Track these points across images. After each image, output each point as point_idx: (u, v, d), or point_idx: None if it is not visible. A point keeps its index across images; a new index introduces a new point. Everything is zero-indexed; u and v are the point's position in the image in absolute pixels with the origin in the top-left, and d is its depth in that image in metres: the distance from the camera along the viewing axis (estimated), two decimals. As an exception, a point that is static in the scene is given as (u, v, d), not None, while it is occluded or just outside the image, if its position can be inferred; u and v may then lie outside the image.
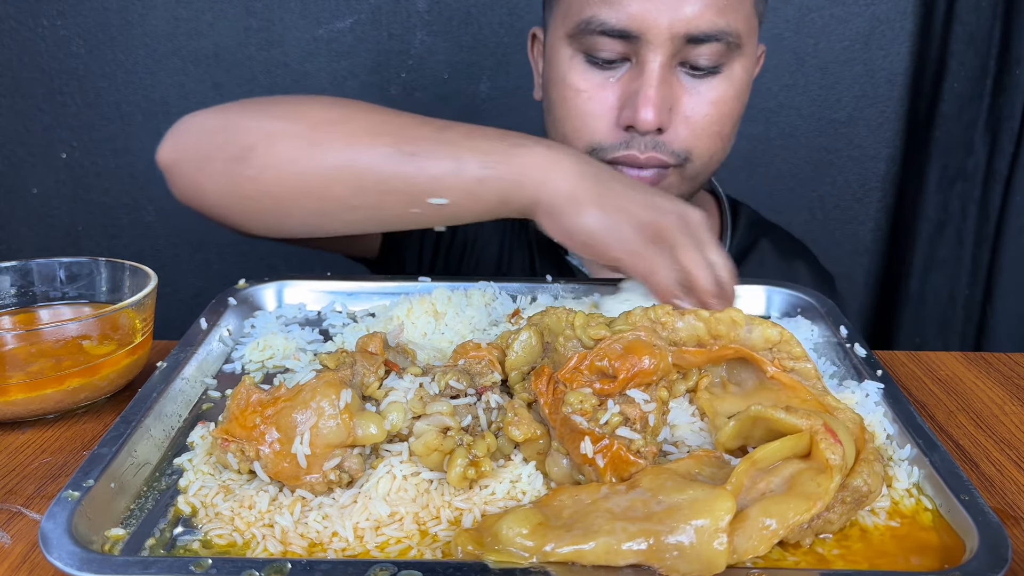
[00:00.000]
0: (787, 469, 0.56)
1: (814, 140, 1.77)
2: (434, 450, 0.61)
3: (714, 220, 1.19)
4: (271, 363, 0.82)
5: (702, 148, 0.97)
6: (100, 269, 0.86)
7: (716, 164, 1.02)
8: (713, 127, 0.96)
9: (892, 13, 1.67)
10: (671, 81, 0.93)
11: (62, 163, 1.76)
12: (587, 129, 0.96)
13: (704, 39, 0.90)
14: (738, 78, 0.96)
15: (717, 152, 1.00)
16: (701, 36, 0.90)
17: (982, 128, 1.62)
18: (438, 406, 0.63)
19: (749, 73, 0.99)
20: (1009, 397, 0.83)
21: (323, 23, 1.67)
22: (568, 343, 0.67)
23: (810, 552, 0.56)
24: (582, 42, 0.93)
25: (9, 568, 0.57)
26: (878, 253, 1.85)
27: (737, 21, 0.92)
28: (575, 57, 0.95)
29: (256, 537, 0.57)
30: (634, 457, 0.58)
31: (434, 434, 0.61)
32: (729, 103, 0.97)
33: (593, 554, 0.51)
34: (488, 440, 0.62)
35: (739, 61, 0.95)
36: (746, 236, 1.18)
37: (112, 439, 0.63)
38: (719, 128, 0.97)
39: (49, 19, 1.66)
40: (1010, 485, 0.68)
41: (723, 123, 0.97)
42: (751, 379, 0.69)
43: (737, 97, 0.98)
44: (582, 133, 0.96)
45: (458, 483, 0.60)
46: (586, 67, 0.95)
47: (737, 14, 0.92)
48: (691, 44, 0.91)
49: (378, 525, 0.58)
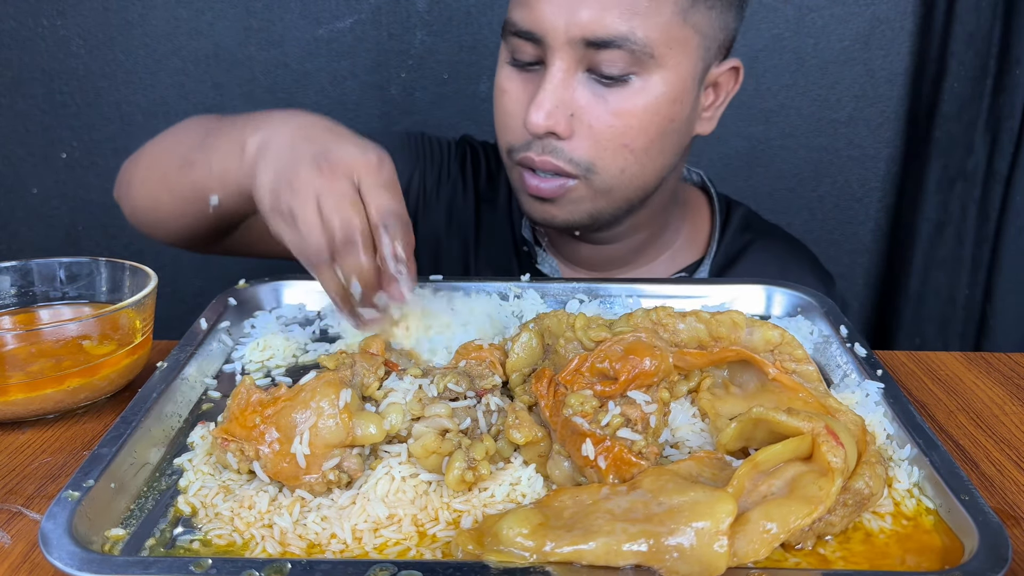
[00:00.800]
0: (789, 471, 0.56)
1: (814, 140, 1.76)
2: (432, 452, 0.61)
3: (704, 223, 1.17)
4: (271, 363, 0.82)
5: (608, 160, 0.94)
6: (100, 269, 0.86)
7: (635, 179, 0.97)
8: (618, 139, 0.93)
9: (892, 13, 1.67)
10: (573, 87, 0.91)
11: (62, 163, 1.76)
12: (505, 128, 0.98)
13: (605, 44, 0.88)
14: (656, 91, 0.92)
15: (630, 166, 0.95)
16: (600, 41, 0.88)
17: (982, 128, 1.62)
18: (437, 408, 0.63)
19: (675, 87, 0.93)
20: (1009, 397, 0.83)
21: (323, 23, 1.67)
22: (569, 345, 0.67)
23: (812, 553, 0.56)
24: (508, 43, 0.95)
25: (9, 568, 0.57)
26: (878, 253, 1.84)
27: (647, 29, 0.88)
28: (505, 59, 0.97)
29: (255, 538, 0.57)
30: (635, 458, 0.58)
31: (432, 436, 0.61)
32: (638, 116, 0.92)
33: (593, 554, 0.51)
34: (487, 443, 0.62)
35: (657, 73, 0.91)
36: (736, 240, 1.15)
37: (112, 439, 0.63)
38: (627, 141, 0.93)
39: (49, 19, 1.66)
40: (1010, 485, 0.68)
41: (631, 136, 0.93)
42: (753, 381, 0.69)
43: (652, 110, 0.93)
44: (502, 132, 0.99)
45: (456, 486, 0.60)
46: (511, 69, 0.96)
47: (646, 21, 0.88)
48: (594, 49, 0.89)
49: (376, 527, 0.58)
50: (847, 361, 0.79)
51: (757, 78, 1.71)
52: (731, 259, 1.14)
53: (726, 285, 0.96)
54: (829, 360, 0.82)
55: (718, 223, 1.15)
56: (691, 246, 1.15)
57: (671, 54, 0.91)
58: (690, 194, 1.18)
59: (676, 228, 1.14)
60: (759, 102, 1.72)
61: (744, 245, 1.15)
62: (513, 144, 0.97)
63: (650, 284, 0.96)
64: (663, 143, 0.96)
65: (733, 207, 1.19)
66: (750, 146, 1.76)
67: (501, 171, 1.19)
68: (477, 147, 1.22)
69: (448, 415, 0.63)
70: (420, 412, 0.63)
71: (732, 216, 1.17)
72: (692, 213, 1.16)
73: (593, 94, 0.92)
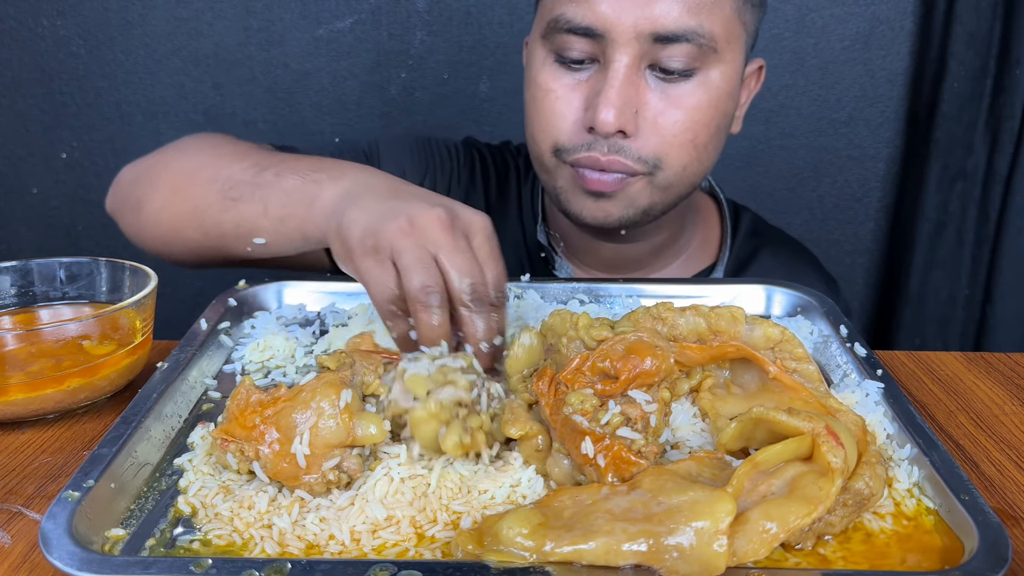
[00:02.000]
0: (789, 472, 0.56)
1: (814, 140, 1.77)
2: (433, 417, 0.61)
3: (714, 228, 1.17)
4: (271, 363, 0.82)
5: (673, 157, 0.93)
6: (100, 269, 0.86)
7: (693, 176, 0.97)
8: (685, 134, 0.92)
9: (892, 13, 1.67)
10: (638, 83, 0.90)
11: (62, 163, 1.76)
12: (552, 129, 0.95)
13: (673, 39, 0.87)
14: (715, 85, 0.92)
15: (692, 163, 0.95)
16: (669, 35, 0.87)
17: (982, 128, 1.62)
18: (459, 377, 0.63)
19: (730, 82, 0.94)
20: (1009, 397, 0.83)
21: (323, 23, 1.67)
22: (571, 344, 0.67)
23: (812, 553, 0.56)
24: (553, 41, 0.92)
25: (9, 568, 0.57)
26: (878, 253, 1.85)
27: (711, 23, 0.88)
28: (547, 58, 0.94)
29: (255, 538, 0.57)
30: (635, 457, 0.58)
31: (435, 401, 0.62)
32: (703, 110, 0.92)
33: (593, 554, 0.51)
34: (483, 417, 0.63)
35: (716, 67, 0.91)
36: (746, 245, 1.15)
37: (112, 439, 0.63)
38: (692, 136, 0.93)
39: (49, 19, 1.66)
40: (1010, 485, 0.68)
41: (696, 131, 0.93)
42: (753, 380, 0.69)
43: (713, 105, 0.93)
44: (547, 133, 0.95)
45: (453, 451, 0.61)
46: (556, 68, 0.94)
47: (711, 16, 0.88)
48: (659, 44, 0.88)
49: (375, 528, 0.57)
50: (847, 361, 0.79)
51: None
52: (741, 264, 1.14)
53: (726, 285, 0.96)
54: (829, 360, 0.82)
55: (728, 228, 1.15)
56: (704, 251, 1.16)
57: (729, 48, 0.91)
58: (702, 200, 1.18)
59: (691, 232, 1.14)
60: (759, 102, 1.71)
61: (753, 250, 1.15)
62: (564, 145, 0.94)
63: (650, 284, 0.96)
64: (719, 138, 0.97)
65: (741, 212, 1.19)
66: (750, 146, 1.76)
67: (510, 176, 1.18)
68: (484, 152, 1.20)
69: (466, 387, 0.63)
70: (443, 379, 0.63)
71: (741, 221, 1.17)
72: (704, 219, 1.17)
73: (658, 90, 0.91)
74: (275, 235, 0.83)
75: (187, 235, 0.91)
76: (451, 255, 0.68)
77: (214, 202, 0.87)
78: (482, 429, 0.62)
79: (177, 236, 0.92)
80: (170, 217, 0.92)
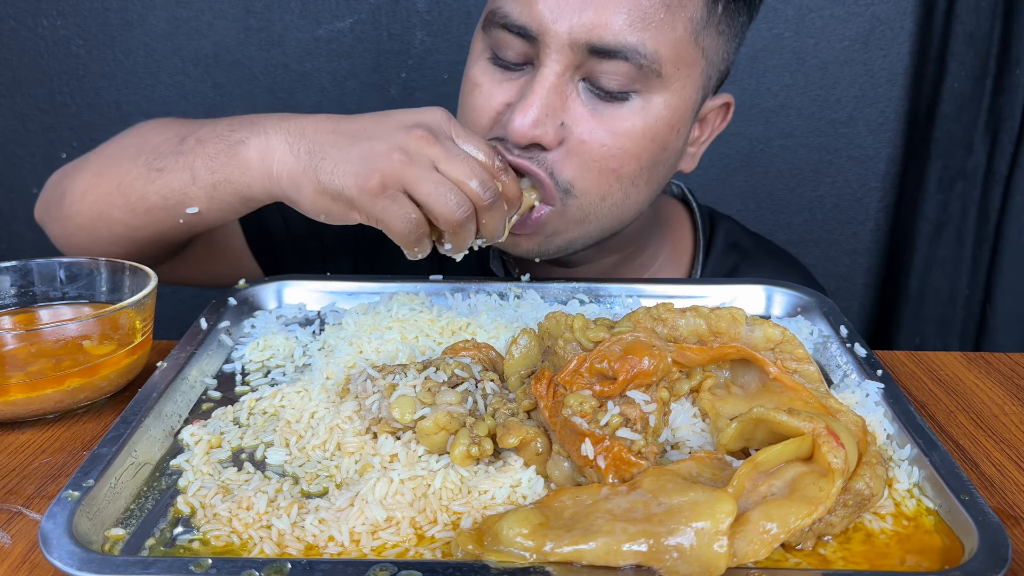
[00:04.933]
0: (789, 472, 0.56)
1: (814, 140, 1.76)
2: (441, 428, 0.63)
3: (686, 239, 1.09)
4: (271, 363, 0.82)
5: (589, 183, 0.84)
6: (100, 269, 0.86)
7: (617, 211, 0.88)
8: (608, 161, 0.83)
9: (892, 13, 1.67)
10: (566, 94, 0.82)
11: (62, 163, 1.75)
12: (472, 125, 0.88)
13: (610, 53, 0.80)
14: (655, 114, 0.83)
15: (613, 195, 0.86)
16: (606, 49, 0.80)
17: (982, 128, 1.62)
18: (446, 396, 0.66)
19: (675, 113, 0.85)
20: (1009, 397, 0.83)
21: (323, 23, 1.67)
22: (568, 346, 0.67)
23: (812, 554, 0.56)
24: (490, 36, 0.86)
25: (9, 568, 0.57)
26: (878, 253, 1.85)
27: (657, 43, 0.80)
28: (484, 52, 0.89)
29: (253, 539, 0.57)
30: (635, 458, 0.58)
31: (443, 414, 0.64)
32: (635, 139, 0.83)
33: (593, 554, 0.51)
34: (488, 422, 0.64)
35: (660, 94, 0.83)
36: (723, 260, 1.07)
37: (112, 439, 0.63)
38: (616, 165, 0.84)
39: (49, 19, 1.66)
40: (1010, 485, 0.68)
41: (623, 160, 0.84)
42: (754, 381, 0.69)
43: (648, 135, 0.84)
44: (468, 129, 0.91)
45: (462, 461, 0.62)
46: (488, 64, 0.88)
47: (658, 35, 0.80)
48: (596, 58, 0.80)
49: (375, 529, 0.57)
50: (847, 361, 0.79)
51: (757, 78, 1.71)
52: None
53: (726, 285, 0.96)
54: (829, 360, 0.82)
55: (702, 241, 1.07)
56: (672, 266, 1.08)
57: (677, 75, 0.83)
58: (671, 209, 1.09)
59: (655, 249, 1.07)
60: (759, 102, 1.72)
61: (732, 266, 1.08)
62: None
63: (650, 284, 0.96)
64: (651, 173, 0.88)
65: (717, 222, 1.11)
66: (750, 146, 1.76)
67: None
68: None
69: (458, 401, 0.66)
70: (431, 400, 0.66)
71: (716, 233, 1.09)
72: (673, 231, 1.09)
73: (588, 106, 0.83)
74: (209, 202, 0.83)
75: (113, 216, 0.88)
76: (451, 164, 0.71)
77: (138, 176, 0.85)
78: (488, 434, 0.64)
79: (102, 219, 0.89)
80: (94, 199, 0.89)
